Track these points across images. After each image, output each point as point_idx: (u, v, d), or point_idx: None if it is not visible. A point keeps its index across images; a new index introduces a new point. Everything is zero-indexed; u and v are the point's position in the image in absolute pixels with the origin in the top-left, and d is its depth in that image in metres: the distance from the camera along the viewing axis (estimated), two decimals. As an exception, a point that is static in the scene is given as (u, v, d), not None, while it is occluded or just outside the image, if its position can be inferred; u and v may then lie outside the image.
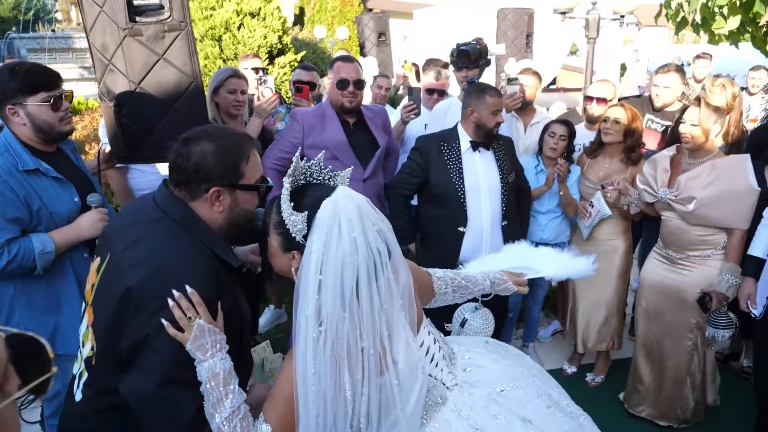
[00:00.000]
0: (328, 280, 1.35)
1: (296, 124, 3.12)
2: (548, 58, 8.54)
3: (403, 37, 12.50)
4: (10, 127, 2.25)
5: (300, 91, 3.77)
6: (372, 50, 7.62)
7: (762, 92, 6.24)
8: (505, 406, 1.60)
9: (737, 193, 2.86)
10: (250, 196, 1.62)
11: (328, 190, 1.45)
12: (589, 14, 5.03)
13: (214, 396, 1.42)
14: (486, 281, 1.95)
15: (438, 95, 4.12)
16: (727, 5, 5.41)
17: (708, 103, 2.90)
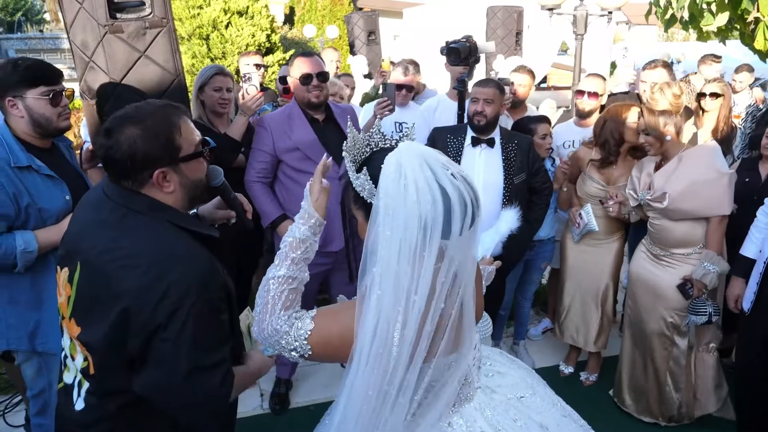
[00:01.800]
0: (395, 234, 1.28)
1: (263, 131, 3.07)
2: (538, 57, 8.54)
3: (393, 36, 12.48)
4: (8, 120, 2.27)
5: (287, 92, 3.73)
6: (362, 49, 7.59)
7: (748, 89, 6.26)
8: (524, 412, 1.61)
9: (706, 181, 2.89)
10: (195, 164, 1.56)
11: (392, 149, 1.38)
12: (577, 10, 5.02)
13: (281, 254, 1.51)
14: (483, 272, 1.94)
15: (407, 91, 4.10)
16: (715, 2, 5.42)
17: (652, 110, 2.95)
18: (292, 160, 3.03)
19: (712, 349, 3.14)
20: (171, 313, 1.38)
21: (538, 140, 3.44)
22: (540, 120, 3.52)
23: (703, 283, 2.91)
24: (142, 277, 1.39)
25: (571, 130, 3.88)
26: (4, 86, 2.21)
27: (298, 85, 3.04)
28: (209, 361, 1.44)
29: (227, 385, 1.48)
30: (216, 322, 1.47)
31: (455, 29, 7.16)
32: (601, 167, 3.34)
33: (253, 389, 3.47)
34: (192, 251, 1.47)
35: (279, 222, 3.06)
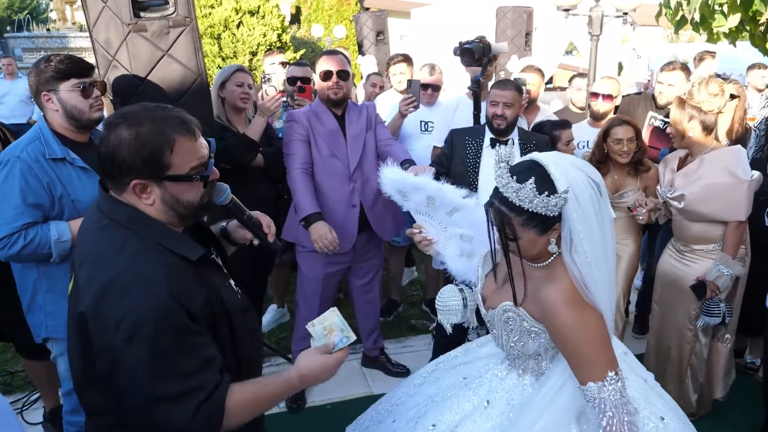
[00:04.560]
0: (593, 229, 1.57)
1: (294, 123, 3.09)
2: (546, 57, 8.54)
3: (400, 36, 12.48)
4: (46, 115, 2.35)
5: (303, 91, 3.73)
6: (370, 49, 7.60)
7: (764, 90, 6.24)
8: (630, 366, 1.91)
9: (724, 186, 2.88)
10: (186, 186, 1.42)
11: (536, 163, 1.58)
12: (593, 11, 5.02)
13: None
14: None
15: (432, 90, 4.12)
16: (727, 3, 5.42)
17: (681, 103, 2.97)
18: (318, 154, 3.07)
19: (727, 340, 3.15)
20: (127, 339, 1.28)
21: (562, 146, 3.44)
22: (564, 126, 3.52)
23: (715, 285, 2.92)
24: (102, 299, 1.31)
25: (585, 131, 3.89)
26: (40, 82, 2.30)
27: (320, 82, 3.08)
28: (174, 390, 1.32)
29: (205, 415, 1.34)
30: (185, 348, 1.34)
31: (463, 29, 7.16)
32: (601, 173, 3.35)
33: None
34: (159, 272, 1.34)
35: (313, 220, 2.99)
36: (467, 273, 2.05)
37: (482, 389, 1.87)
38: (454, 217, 2.03)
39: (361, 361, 3.78)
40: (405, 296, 4.79)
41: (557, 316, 1.59)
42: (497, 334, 1.80)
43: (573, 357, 1.60)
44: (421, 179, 2.06)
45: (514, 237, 1.59)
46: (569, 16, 5.20)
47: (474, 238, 2.03)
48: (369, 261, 3.36)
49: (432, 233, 2.12)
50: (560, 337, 1.62)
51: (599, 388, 1.54)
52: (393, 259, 4.47)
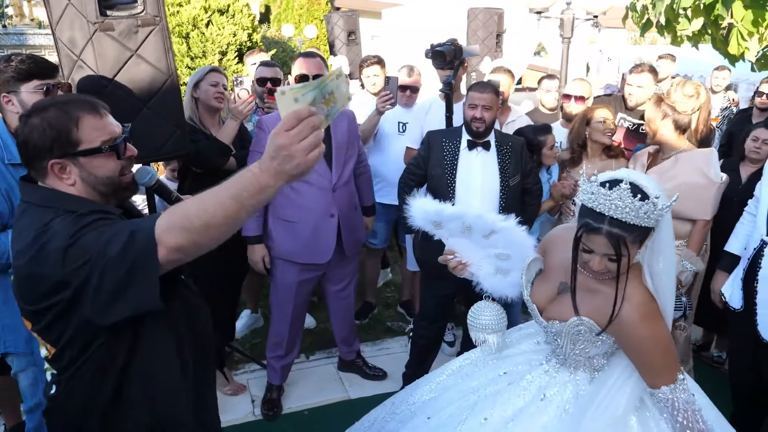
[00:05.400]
0: (670, 235, 1.72)
1: (262, 133, 3.02)
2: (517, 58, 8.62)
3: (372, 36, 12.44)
4: (5, 117, 2.26)
5: (272, 93, 3.65)
6: (342, 49, 7.53)
7: (724, 91, 6.42)
8: None
9: (697, 187, 2.94)
10: (101, 160, 1.49)
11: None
12: (564, 14, 5.08)
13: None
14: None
15: (411, 92, 4.10)
16: (691, 7, 5.54)
17: (658, 102, 3.04)
18: None
19: (684, 328, 3.21)
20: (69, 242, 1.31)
21: (546, 152, 3.48)
22: (546, 131, 3.54)
23: (679, 280, 2.98)
24: (33, 258, 1.35)
25: (559, 132, 3.92)
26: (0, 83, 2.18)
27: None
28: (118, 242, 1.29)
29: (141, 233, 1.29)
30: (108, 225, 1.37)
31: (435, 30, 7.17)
32: (572, 166, 3.40)
33: (243, 395, 3.42)
34: (81, 221, 1.37)
35: (252, 241, 3.06)
36: (503, 289, 2.07)
37: (533, 385, 1.95)
38: (492, 239, 2.02)
39: (337, 365, 3.74)
40: (380, 298, 4.77)
41: (634, 333, 1.69)
42: (560, 342, 1.87)
43: (646, 366, 1.73)
44: (459, 209, 2.04)
45: (627, 255, 1.63)
46: (541, 19, 5.24)
47: (511, 256, 2.03)
48: (344, 268, 3.32)
49: (466, 256, 2.10)
50: (635, 350, 1.73)
51: (672, 390, 1.69)
52: (369, 261, 4.44)
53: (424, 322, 3.32)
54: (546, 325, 1.90)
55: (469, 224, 1.99)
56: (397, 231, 4.47)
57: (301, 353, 3.72)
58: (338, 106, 1.30)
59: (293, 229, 3.05)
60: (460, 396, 2.05)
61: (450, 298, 3.30)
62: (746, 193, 3.11)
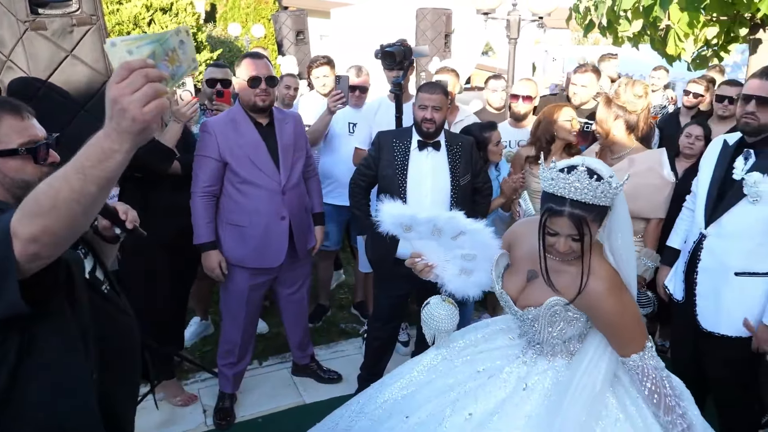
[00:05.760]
0: (625, 212, 1.82)
1: (208, 136, 2.94)
2: (465, 58, 8.72)
3: (320, 36, 12.36)
4: None
5: (221, 95, 3.56)
6: (290, 49, 7.46)
7: (662, 89, 6.66)
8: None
9: (653, 187, 3.03)
10: (17, 163, 1.50)
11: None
12: (510, 15, 5.18)
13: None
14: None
15: (360, 92, 4.09)
16: (630, 10, 5.74)
17: (608, 103, 3.11)
18: (238, 167, 2.93)
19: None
20: None
21: (492, 148, 3.51)
22: (492, 128, 3.58)
23: (643, 278, 3.08)
24: None
25: (506, 131, 3.97)
26: None
27: (245, 87, 2.93)
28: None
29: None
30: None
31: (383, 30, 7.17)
32: (537, 164, 3.45)
33: (194, 405, 3.33)
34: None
35: (206, 248, 2.98)
36: (467, 289, 2.10)
37: (513, 376, 2.00)
38: (459, 240, 2.04)
39: (291, 370, 3.69)
40: (333, 300, 4.73)
41: (603, 305, 1.79)
42: (537, 327, 1.92)
43: (617, 337, 1.82)
44: (433, 213, 2.04)
45: (589, 233, 1.73)
46: (488, 20, 5.32)
47: (477, 256, 2.06)
48: (297, 270, 3.28)
49: (432, 258, 2.11)
50: (605, 322, 1.82)
51: (641, 357, 1.79)
52: (321, 263, 4.40)
53: (378, 323, 3.31)
54: (521, 313, 1.94)
55: (440, 227, 2.01)
56: (349, 232, 4.45)
57: (253, 359, 3.65)
58: (184, 67, 1.18)
59: (243, 234, 2.98)
60: (437, 393, 2.05)
61: (403, 298, 3.30)
62: (683, 188, 3.23)
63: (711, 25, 5.84)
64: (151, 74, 1.05)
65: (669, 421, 1.80)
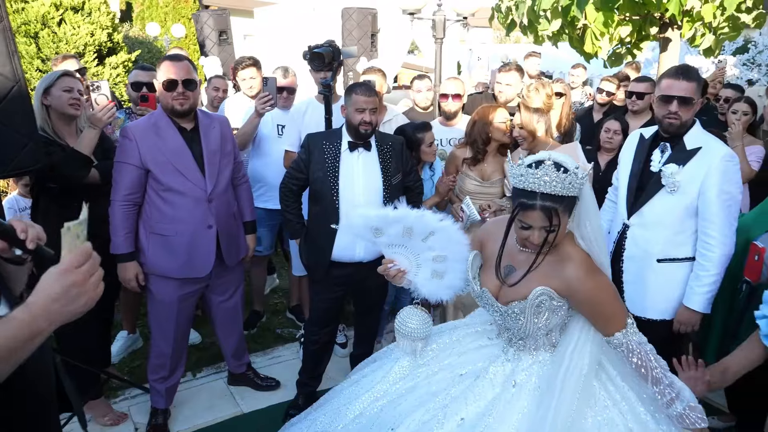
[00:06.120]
0: (592, 200, 1.90)
1: (128, 142, 2.81)
2: (391, 57, 8.77)
3: (244, 35, 12.10)
4: None
5: (146, 100, 3.39)
6: (213, 49, 7.27)
7: (581, 86, 6.95)
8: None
9: None
10: None
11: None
12: (436, 15, 5.25)
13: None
14: None
15: (288, 93, 4.03)
16: (549, 10, 5.95)
17: (527, 106, 3.22)
18: (161, 174, 2.81)
19: None
20: None
21: (425, 149, 3.54)
22: (425, 128, 3.60)
23: None
24: None
25: (437, 130, 4.02)
26: None
27: (163, 91, 2.82)
28: None
29: None
30: None
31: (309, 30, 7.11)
32: (473, 165, 3.51)
33: (125, 424, 3.18)
34: None
35: (123, 259, 2.86)
36: (439, 293, 2.11)
37: (499, 375, 2.01)
38: (429, 241, 2.05)
39: (227, 380, 3.59)
40: (268, 305, 4.65)
41: (582, 287, 1.85)
42: (522, 321, 1.95)
43: (599, 317, 1.88)
44: (402, 211, 2.05)
45: (560, 224, 1.79)
46: (414, 20, 5.38)
47: (447, 257, 2.08)
48: (228, 277, 3.19)
49: (404, 264, 2.12)
50: (587, 304, 1.88)
51: (624, 334, 1.86)
52: (254, 269, 4.30)
53: (315, 327, 3.27)
54: (505, 309, 1.97)
55: (410, 226, 2.02)
56: (281, 236, 4.37)
57: (187, 371, 3.52)
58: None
59: (168, 243, 2.87)
60: (421, 401, 2.03)
61: (340, 300, 3.27)
62: (605, 180, 3.38)
63: (624, 24, 6.14)
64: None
65: (657, 391, 1.88)
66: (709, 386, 2.11)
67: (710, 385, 2.11)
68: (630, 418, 1.90)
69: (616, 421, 1.88)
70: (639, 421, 1.90)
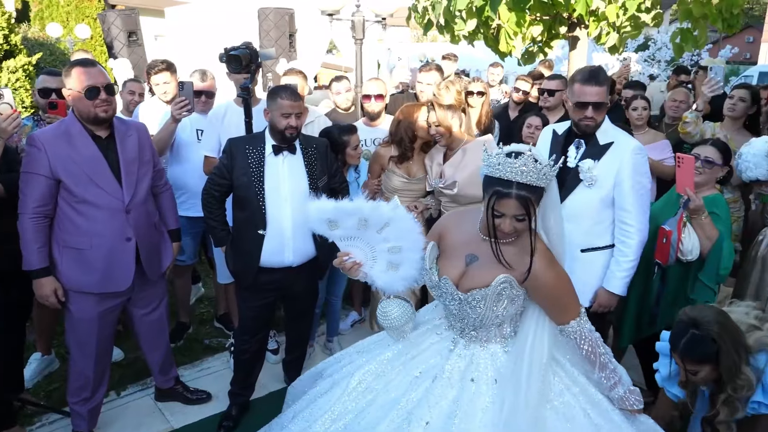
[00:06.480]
0: (556, 193, 1.97)
1: (36, 152, 2.63)
2: (310, 57, 8.71)
3: (155, 36, 11.63)
4: None
5: (55, 107, 3.18)
6: (122, 51, 6.94)
7: (498, 85, 7.19)
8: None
9: None
10: None
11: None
12: (355, 16, 5.25)
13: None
14: None
15: (206, 97, 3.91)
16: (465, 10, 6.10)
17: (441, 104, 3.31)
18: (74, 185, 2.65)
19: None
20: None
21: (350, 151, 3.55)
22: (351, 131, 3.60)
23: None
24: None
25: (361, 131, 4.02)
26: None
27: (81, 99, 2.64)
28: None
29: None
30: None
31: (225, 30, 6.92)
32: (400, 162, 3.55)
33: (44, 451, 2.99)
34: None
35: (38, 275, 2.69)
36: (395, 284, 2.13)
37: (455, 373, 2.02)
38: (384, 232, 2.06)
39: (154, 395, 3.45)
40: (194, 315, 4.50)
41: (542, 277, 1.90)
42: (480, 310, 1.97)
43: (556, 306, 1.96)
44: (357, 203, 2.04)
45: (531, 215, 1.83)
46: (333, 21, 5.36)
47: (402, 248, 2.09)
48: (151, 290, 3.06)
49: (359, 256, 2.11)
50: (545, 293, 1.94)
51: (578, 322, 1.95)
52: (178, 280, 4.15)
53: (246, 336, 3.20)
54: (465, 297, 1.99)
55: (365, 217, 2.03)
56: (205, 244, 4.24)
57: (110, 390, 3.35)
58: None
59: (84, 257, 2.72)
60: (384, 411, 2.01)
61: (270, 307, 3.21)
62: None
63: (536, 24, 6.40)
64: None
65: (603, 376, 1.99)
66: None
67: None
68: (583, 399, 1.99)
69: (571, 404, 1.97)
70: (593, 402, 1.99)
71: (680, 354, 2.25)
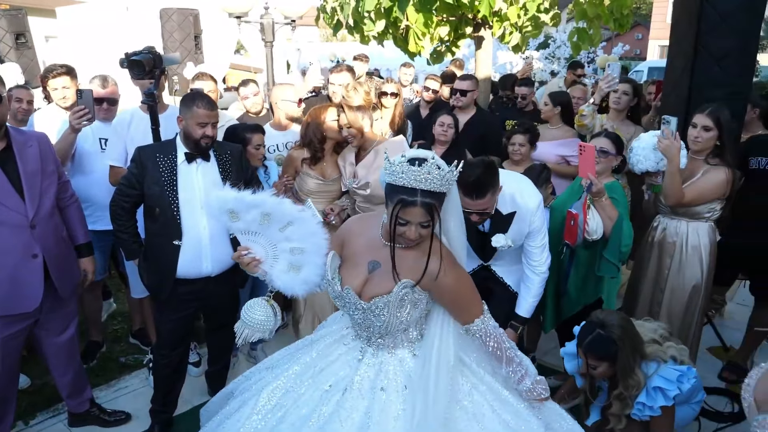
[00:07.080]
0: (456, 197, 1.97)
1: None
2: (218, 59, 8.50)
3: (46, 37, 10.92)
4: None
5: None
6: (10, 54, 6.45)
7: (410, 85, 7.30)
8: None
9: None
10: None
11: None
12: (264, 19, 5.17)
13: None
14: None
15: (108, 104, 3.72)
16: (373, 10, 6.15)
17: (350, 106, 3.37)
18: None
19: None
20: None
21: (252, 150, 3.49)
22: (256, 130, 3.55)
23: None
24: None
25: (272, 136, 3.98)
26: None
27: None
28: None
29: None
30: None
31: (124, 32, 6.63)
32: (313, 164, 3.54)
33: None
34: None
35: None
36: (295, 286, 2.07)
37: (365, 383, 2.01)
38: (287, 231, 2.01)
39: (68, 421, 3.25)
40: (107, 333, 4.28)
41: (444, 280, 1.91)
42: (385, 317, 1.96)
43: (459, 306, 1.99)
44: (260, 196, 1.97)
45: (435, 220, 1.84)
46: (241, 23, 5.25)
47: (305, 250, 2.04)
48: (60, 310, 2.88)
49: (259, 253, 2.04)
50: (448, 294, 1.96)
51: (482, 320, 1.99)
52: (87, 296, 3.92)
53: (165, 350, 3.09)
54: (368, 305, 1.97)
55: (268, 212, 1.98)
56: (115, 257, 4.03)
57: (17, 420, 3.13)
58: None
59: (-15, 278, 2.53)
60: (295, 429, 1.96)
61: (189, 318, 3.12)
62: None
63: (443, 24, 6.55)
64: None
65: (510, 370, 2.04)
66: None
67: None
68: (490, 397, 2.04)
69: (480, 402, 2.01)
70: (500, 399, 2.05)
71: (584, 349, 2.58)
